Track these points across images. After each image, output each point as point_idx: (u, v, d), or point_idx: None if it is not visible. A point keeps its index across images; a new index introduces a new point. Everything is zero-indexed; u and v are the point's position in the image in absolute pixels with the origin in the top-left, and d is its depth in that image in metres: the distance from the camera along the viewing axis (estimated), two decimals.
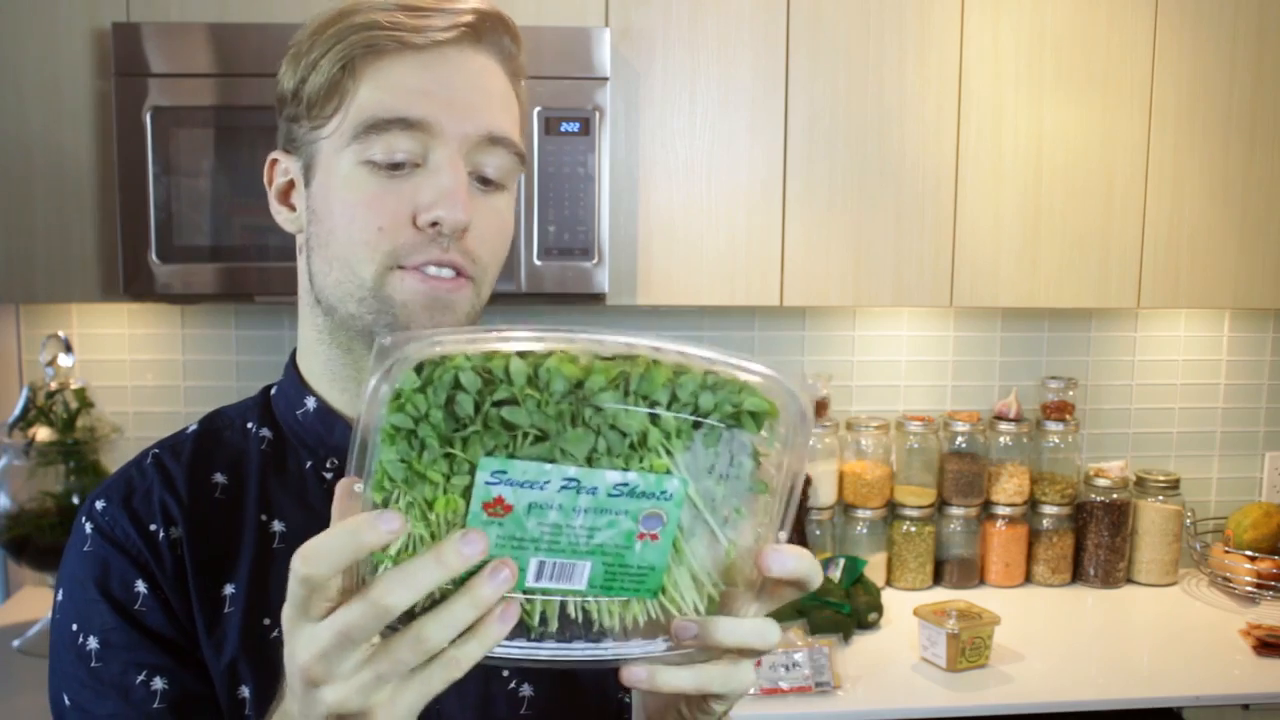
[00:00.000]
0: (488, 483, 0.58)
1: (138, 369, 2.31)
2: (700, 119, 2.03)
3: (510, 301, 2.31)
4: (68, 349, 2.02)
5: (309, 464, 0.87)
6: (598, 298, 1.98)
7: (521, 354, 0.58)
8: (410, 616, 0.58)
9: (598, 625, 0.64)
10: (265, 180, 0.88)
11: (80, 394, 2.01)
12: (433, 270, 0.80)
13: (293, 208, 0.86)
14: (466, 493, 0.58)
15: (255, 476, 0.87)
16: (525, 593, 0.61)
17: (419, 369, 0.57)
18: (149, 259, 1.86)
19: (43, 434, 1.97)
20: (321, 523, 0.84)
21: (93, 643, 0.81)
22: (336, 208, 0.80)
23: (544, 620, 0.63)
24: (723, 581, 0.64)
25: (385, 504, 0.58)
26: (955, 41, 2.07)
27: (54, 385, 2.01)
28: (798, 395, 0.61)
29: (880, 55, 2.06)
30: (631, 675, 0.64)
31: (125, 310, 2.28)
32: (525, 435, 0.58)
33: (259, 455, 0.88)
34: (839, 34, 2.04)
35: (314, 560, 0.57)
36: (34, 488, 1.96)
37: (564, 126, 1.90)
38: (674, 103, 2.03)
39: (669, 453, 0.60)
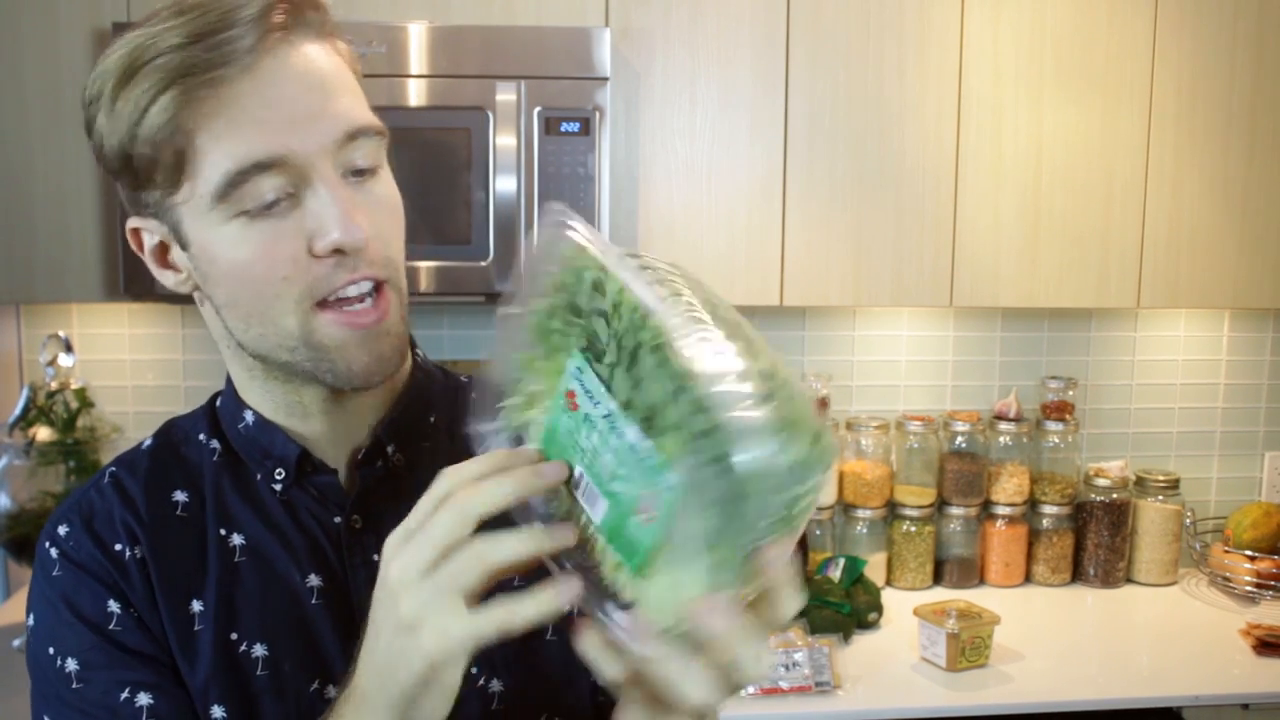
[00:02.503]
0: (571, 374, 0.63)
1: (138, 369, 2.31)
2: (700, 119, 2.04)
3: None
4: (68, 349, 2.02)
5: (258, 475, 0.86)
6: None
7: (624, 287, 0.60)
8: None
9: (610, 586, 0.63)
10: (134, 247, 0.83)
11: (80, 394, 2.01)
12: (353, 291, 0.77)
13: (176, 269, 0.81)
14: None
15: (211, 490, 0.86)
16: (570, 487, 0.64)
17: (579, 249, 0.63)
18: None
19: (43, 434, 1.97)
20: (279, 533, 0.84)
21: (71, 664, 0.80)
22: (230, 271, 0.76)
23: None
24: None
25: (537, 333, 0.65)
26: (955, 41, 2.07)
27: (54, 385, 2.01)
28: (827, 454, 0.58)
29: (880, 55, 2.06)
30: (582, 640, 0.62)
31: (125, 310, 2.28)
32: (602, 351, 0.61)
33: (212, 468, 0.87)
34: (839, 34, 2.04)
35: (476, 502, 0.62)
36: (34, 487, 1.96)
37: (564, 126, 1.90)
38: (674, 103, 2.03)
39: (675, 441, 0.57)
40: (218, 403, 0.91)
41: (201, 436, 0.89)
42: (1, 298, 1.95)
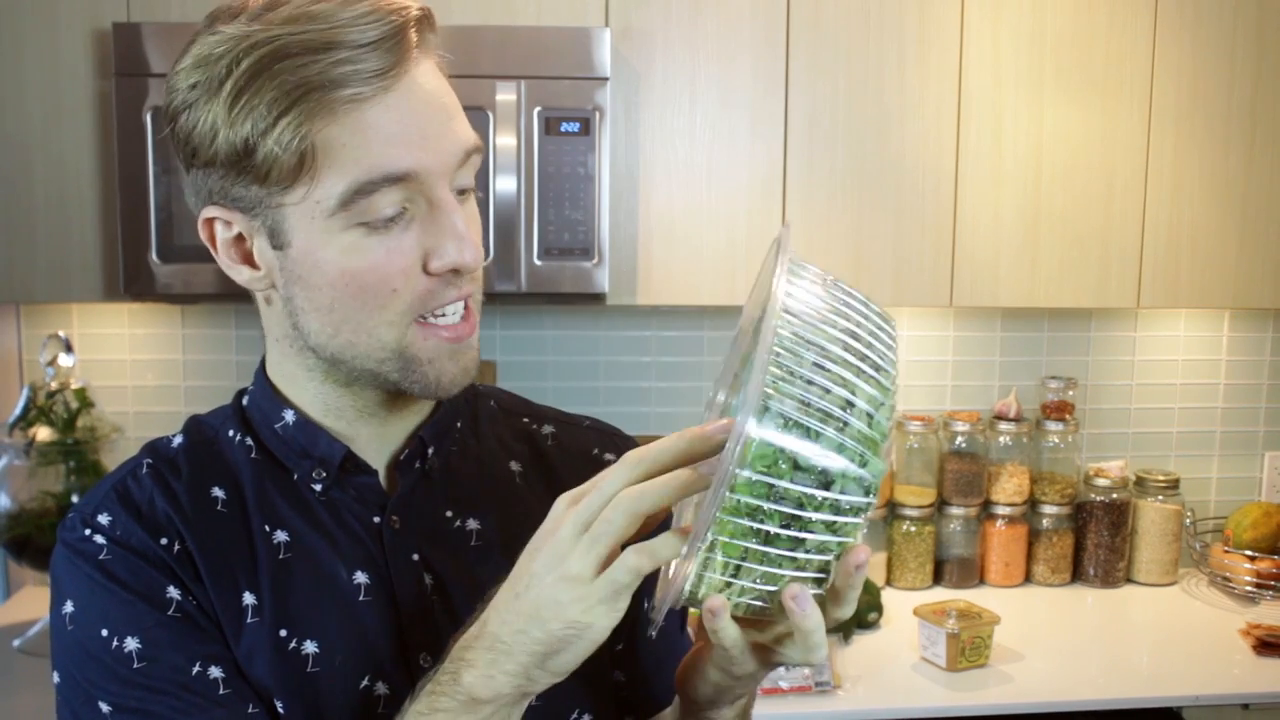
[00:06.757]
0: None
1: (138, 369, 2.31)
2: (700, 119, 2.03)
3: (511, 301, 2.31)
4: (68, 349, 2.02)
5: (295, 475, 0.86)
6: (598, 298, 1.98)
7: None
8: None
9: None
10: (203, 238, 0.81)
11: (81, 394, 2.01)
12: (451, 310, 0.80)
13: (254, 265, 0.81)
14: None
15: (251, 487, 0.86)
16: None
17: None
18: (149, 259, 1.86)
19: (43, 434, 1.97)
20: (323, 531, 0.85)
21: (132, 643, 0.78)
22: (338, 278, 0.77)
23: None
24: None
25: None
26: (955, 42, 2.07)
27: (54, 385, 2.01)
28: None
29: (880, 56, 2.06)
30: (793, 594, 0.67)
31: (125, 310, 2.28)
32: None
33: (250, 465, 0.87)
34: (839, 34, 2.04)
35: (645, 457, 0.68)
36: (34, 488, 1.96)
37: (564, 126, 1.90)
38: (674, 103, 2.03)
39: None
40: (244, 401, 0.90)
41: (232, 434, 0.89)
42: (1, 297, 1.95)
